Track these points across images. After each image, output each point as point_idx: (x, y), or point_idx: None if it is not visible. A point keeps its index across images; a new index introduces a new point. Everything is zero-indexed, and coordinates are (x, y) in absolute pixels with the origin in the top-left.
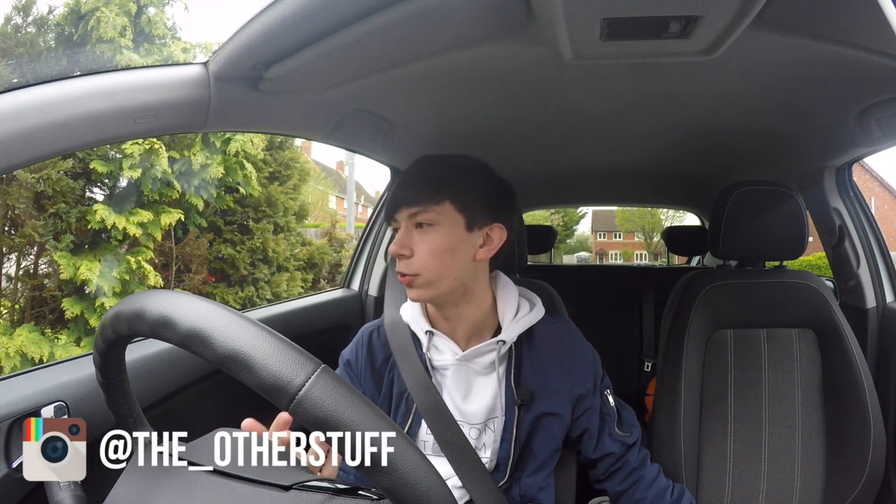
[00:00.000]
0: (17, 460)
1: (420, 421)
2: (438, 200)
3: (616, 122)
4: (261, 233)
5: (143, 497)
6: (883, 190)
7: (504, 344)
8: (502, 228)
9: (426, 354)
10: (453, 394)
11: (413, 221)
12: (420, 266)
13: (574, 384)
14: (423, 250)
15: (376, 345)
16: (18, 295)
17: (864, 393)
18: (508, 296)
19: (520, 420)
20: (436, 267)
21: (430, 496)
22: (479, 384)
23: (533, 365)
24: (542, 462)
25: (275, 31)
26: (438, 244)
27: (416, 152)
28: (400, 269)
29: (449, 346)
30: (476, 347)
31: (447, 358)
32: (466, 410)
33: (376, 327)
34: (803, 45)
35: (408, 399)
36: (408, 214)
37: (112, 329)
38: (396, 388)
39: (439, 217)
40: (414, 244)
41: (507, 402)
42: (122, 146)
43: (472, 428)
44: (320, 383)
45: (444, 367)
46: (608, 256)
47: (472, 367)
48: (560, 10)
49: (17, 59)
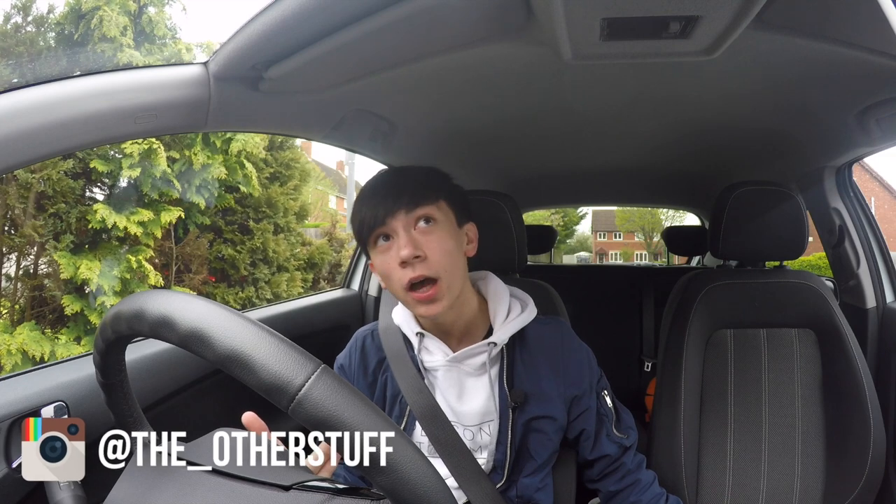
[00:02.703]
0: (17, 460)
1: (414, 423)
2: (435, 199)
3: (616, 122)
4: (261, 233)
5: (143, 497)
6: (883, 190)
7: (495, 346)
8: (474, 226)
9: (417, 356)
10: (446, 394)
11: (413, 222)
12: (438, 266)
13: (568, 386)
14: (435, 249)
15: (370, 348)
16: (18, 295)
17: (864, 393)
18: (499, 296)
19: (514, 422)
20: (450, 266)
21: (430, 496)
22: (470, 385)
23: (526, 367)
24: (540, 464)
25: (275, 31)
26: (446, 241)
27: (416, 152)
28: (419, 272)
29: (440, 347)
30: (467, 349)
31: (438, 359)
32: (460, 411)
33: (370, 331)
34: (803, 45)
35: (401, 402)
36: (406, 216)
37: (112, 329)
38: (390, 391)
39: (439, 213)
40: (422, 245)
41: (501, 404)
42: (121, 146)
43: (467, 429)
44: (320, 383)
45: (436, 369)
46: (608, 256)
47: (463, 368)
48: (560, 10)
49: (17, 59)
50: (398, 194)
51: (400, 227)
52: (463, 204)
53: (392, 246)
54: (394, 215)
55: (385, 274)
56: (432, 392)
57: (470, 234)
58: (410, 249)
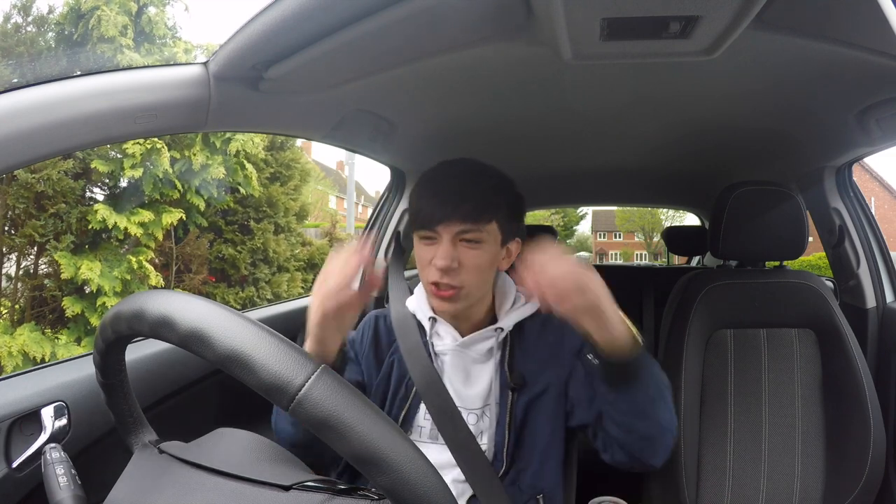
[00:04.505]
0: (18, 460)
1: (418, 406)
2: (487, 220)
3: (616, 122)
4: (261, 233)
5: (143, 497)
6: (883, 190)
7: (502, 331)
8: (519, 243)
9: (429, 340)
10: (452, 378)
11: (460, 237)
12: (466, 279)
13: (562, 367)
14: (471, 265)
15: (382, 329)
16: (19, 295)
17: (864, 393)
18: (507, 290)
19: (513, 404)
20: (478, 281)
21: (430, 495)
22: (476, 371)
23: (524, 352)
24: (542, 449)
25: (275, 31)
26: (484, 260)
27: (416, 152)
28: (446, 280)
29: (450, 332)
30: (475, 334)
31: (447, 343)
32: (465, 394)
33: (383, 315)
34: (803, 45)
35: (407, 384)
36: (456, 231)
37: (112, 329)
38: (396, 372)
39: (487, 235)
40: (461, 258)
41: (502, 386)
42: (122, 146)
43: (471, 413)
44: (320, 383)
45: (444, 353)
46: (608, 256)
47: (470, 353)
48: (560, 10)
49: (18, 59)
50: (455, 206)
51: (446, 237)
52: (514, 223)
53: (433, 245)
54: (444, 226)
55: (420, 263)
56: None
57: (511, 249)
58: (447, 262)
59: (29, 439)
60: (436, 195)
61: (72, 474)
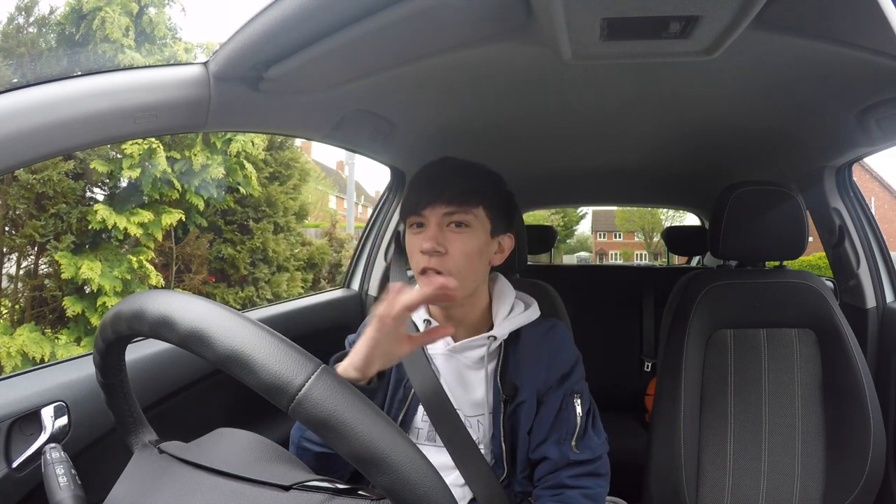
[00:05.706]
0: (18, 460)
1: (416, 408)
2: (475, 204)
3: (616, 122)
4: (261, 233)
5: (143, 497)
6: (883, 190)
7: (495, 340)
8: (511, 238)
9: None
10: (448, 381)
11: (447, 220)
12: (453, 265)
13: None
14: (457, 249)
15: None
16: (19, 295)
17: (864, 393)
18: (505, 296)
19: (505, 415)
20: (466, 268)
21: (430, 496)
22: (469, 378)
23: (517, 362)
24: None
25: (275, 31)
26: (471, 246)
27: (416, 152)
28: (433, 265)
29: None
30: (466, 340)
31: (438, 347)
32: (462, 399)
33: None
34: (803, 45)
35: (405, 386)
36: (443, 213)
37: (112, 329)
38: (395, 375)
39: (475, 220)
40: (447, 242)
41: (495, 398)
42: (121, 146)
43: (467, 420)
44: (320, 383)
45: (435, 356)
46: (608, 256)
47: (462, 359)
48: (560, 10)
49: (19, 59)
50: (441, 190)
51: (433, 221)
52: (503, 214)
53: (422, 233)
54: (431, 209)
55: (410, 254)
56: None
57: (503, 243)
58: (433, 244)
59: (29, 439)
60: (420, 184)
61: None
